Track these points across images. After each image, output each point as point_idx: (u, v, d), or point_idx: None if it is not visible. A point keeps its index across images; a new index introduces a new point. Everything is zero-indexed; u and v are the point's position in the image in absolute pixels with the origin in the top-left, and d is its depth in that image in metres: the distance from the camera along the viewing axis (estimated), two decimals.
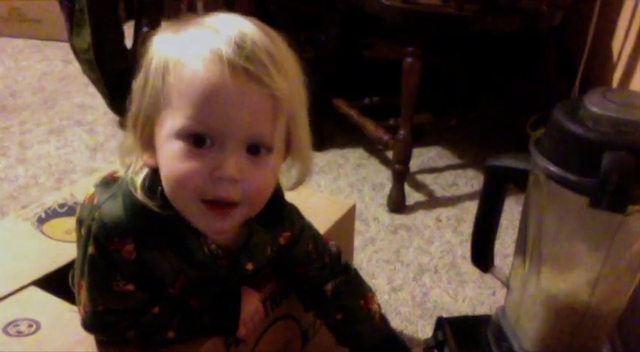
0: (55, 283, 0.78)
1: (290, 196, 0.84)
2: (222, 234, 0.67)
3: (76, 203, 0.92)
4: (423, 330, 1.08)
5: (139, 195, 0.63)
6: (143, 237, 0.64)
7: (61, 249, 0.84)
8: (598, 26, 1.47)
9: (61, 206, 0.92)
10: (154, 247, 0.65)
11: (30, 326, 0.70)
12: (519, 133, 0.76)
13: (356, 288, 0.84)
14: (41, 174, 1.52)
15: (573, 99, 0.70)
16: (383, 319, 0.86)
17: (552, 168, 0.66)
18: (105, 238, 0.63)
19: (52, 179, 1.50)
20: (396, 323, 1.10)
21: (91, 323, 0.68)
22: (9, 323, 0.70)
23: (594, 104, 0.65)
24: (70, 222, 0.88)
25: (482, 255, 0.86)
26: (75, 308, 0.74)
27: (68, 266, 0.80)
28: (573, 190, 0.65)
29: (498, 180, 0.80)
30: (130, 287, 0.66)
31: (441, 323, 0.90)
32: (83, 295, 0.66)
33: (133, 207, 0.63)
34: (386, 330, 0.86)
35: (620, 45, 1.42)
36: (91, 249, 0.63)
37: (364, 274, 1.20)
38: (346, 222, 0.98)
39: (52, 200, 0.94)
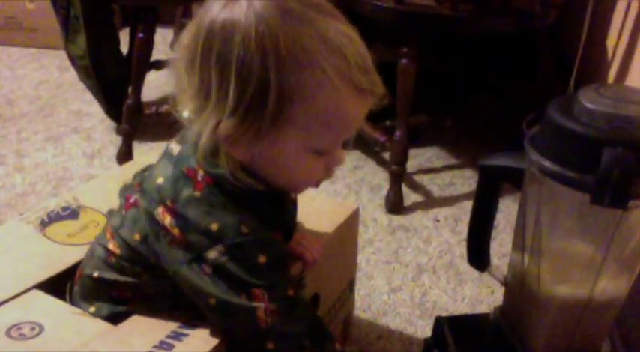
0: (58, 287, 0.78)
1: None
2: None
3: (79, 206, 0.92)
4: (423, 330, 1.08)
5: (245, 179, 0.66)
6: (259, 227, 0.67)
7: (64, 252, 0.83)
8: (592, 24, 1.47)
9: (64, 209, 0.91)
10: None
11: (33, 329, 0.69)
12: (515, 133, 0.76)
13: None
14: (39, 181, 1.52)
15: (567, 95, 0.70)
16: None
17: (549, 165, 0.66)
18: (252, 245, 0.66)
19: (50, 186, 1.50)
20: (395, 323, 1.10)
21: (286, 315, 0.67)
22: (12, 326, 0.70)
23: (588, 100, 0.65)
24: (73, 226, 0.88)
25: (478, 255, 0.86)
26: (78, 310, 0.74)
27: (71, 270, 0.79)
28: (572, 187, 0.65)
29: (492, 179, 0.80)
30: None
31: (440, 322, 0.90)
32: (260, 298, 0.66)
33: (237, 207, 0.67)
34: None
35: (615, 42, 1.43)
36: (262, 258, 0.66)
37: (363, 275, 1.21)
38: (350, 226, 0.97)
39: (54, 203, 0.93)
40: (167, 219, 0.66)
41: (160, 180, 0.68)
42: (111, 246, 0.73)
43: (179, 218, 0.66)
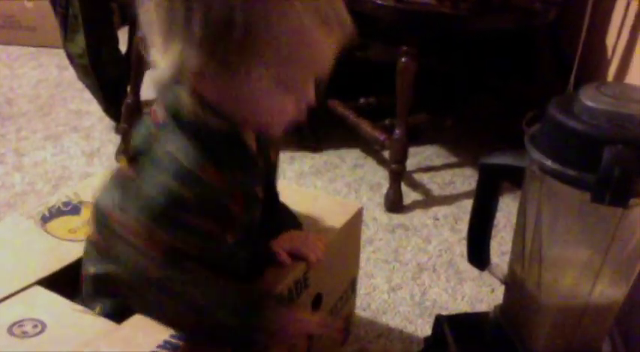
0: (60, 283, 0.77)
1: (296, 197, 0.85)
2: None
3: (80, 202, 0.91)
4: (423, 329, 1.08)
5: (208, 116, 0.65)
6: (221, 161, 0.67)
7: (66, 248, 0.82)
8: (591, 23, 1.47)
9: (66, 204, 0.91)
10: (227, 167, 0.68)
11: (35, 326, 0.69)
12: (515, 132, 0.76)
13: None
14: (38, 180, 1.52)
15: (568, 94, 0.70)
16: None
17: (549, 164, 0.66)
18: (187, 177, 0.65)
19: (49, 185, 1.50)
20: (395, 322, 1.10)
21: (177, 269, 0.67)
22: (14, 324, 0.69)
23: (589, 98, 0.65)
24: (75, 221, 0.87)
25: (478, 254, 0.86)
26: (80, 307, 0.73)
27: (73, 266, 0.79)
28: (573, 185, 0.65)
29: (492, 178, 0.80)
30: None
31: (439, 321, 0.90)
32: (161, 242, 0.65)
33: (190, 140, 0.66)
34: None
35: (614, 40, 1.43)
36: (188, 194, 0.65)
37: (363, 274, 1.21)
38: (353, 225, 0.97)
39: (55, 198, 0.92)
40: (131, 170, 0.67)
41: (136, 142, 0.69)
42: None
43: (136, 159, 0.67)
